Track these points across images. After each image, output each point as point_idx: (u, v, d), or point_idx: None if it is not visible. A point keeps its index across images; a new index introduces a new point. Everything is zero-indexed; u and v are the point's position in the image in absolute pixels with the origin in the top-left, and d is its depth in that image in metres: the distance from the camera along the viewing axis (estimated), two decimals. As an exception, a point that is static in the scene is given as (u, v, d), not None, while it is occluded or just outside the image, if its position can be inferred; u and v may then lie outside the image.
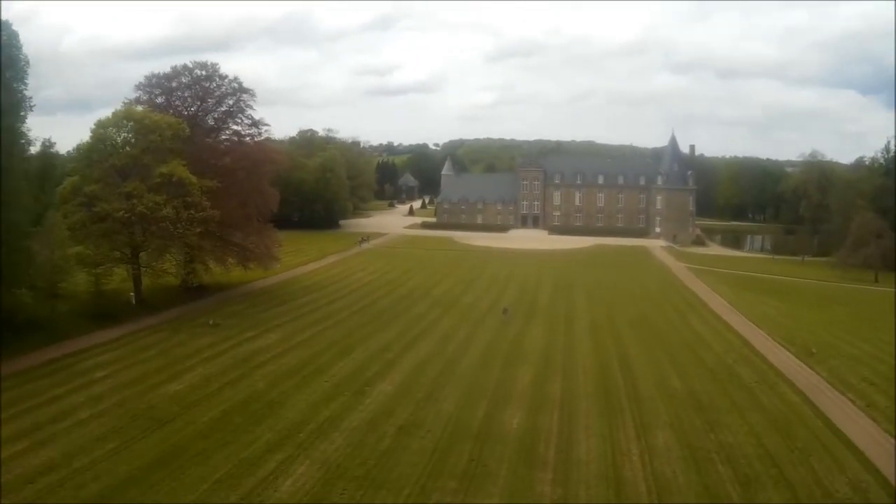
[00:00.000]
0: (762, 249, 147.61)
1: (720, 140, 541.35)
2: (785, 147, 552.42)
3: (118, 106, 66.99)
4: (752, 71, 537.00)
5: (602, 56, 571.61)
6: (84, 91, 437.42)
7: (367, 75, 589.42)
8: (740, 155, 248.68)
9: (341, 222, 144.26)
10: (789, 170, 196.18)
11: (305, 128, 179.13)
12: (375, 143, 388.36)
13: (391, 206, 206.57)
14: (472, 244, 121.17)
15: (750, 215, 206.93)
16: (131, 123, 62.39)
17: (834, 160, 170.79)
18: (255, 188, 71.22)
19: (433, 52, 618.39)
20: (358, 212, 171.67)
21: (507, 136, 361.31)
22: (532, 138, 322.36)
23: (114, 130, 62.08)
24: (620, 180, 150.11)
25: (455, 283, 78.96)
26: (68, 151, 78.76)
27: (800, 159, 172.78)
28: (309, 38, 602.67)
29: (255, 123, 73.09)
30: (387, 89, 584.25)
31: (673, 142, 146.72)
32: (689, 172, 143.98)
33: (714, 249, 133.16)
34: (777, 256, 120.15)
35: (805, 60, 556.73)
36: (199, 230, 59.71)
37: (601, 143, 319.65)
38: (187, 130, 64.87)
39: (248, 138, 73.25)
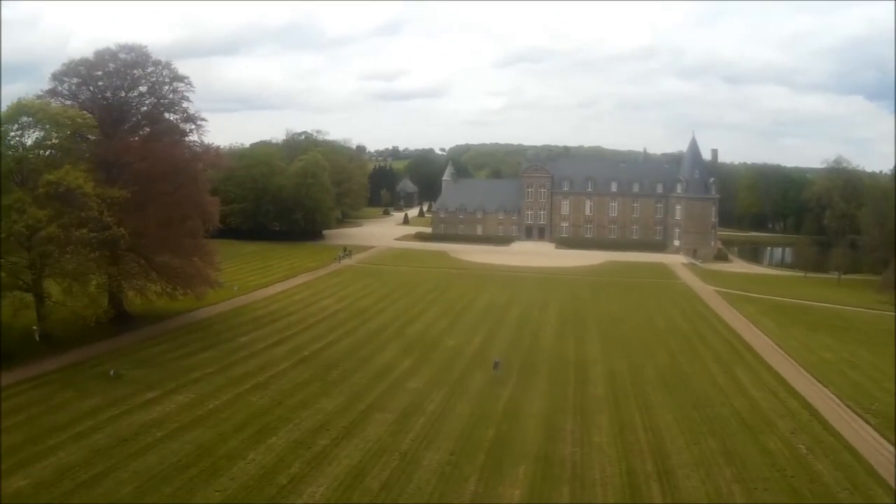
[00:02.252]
0: (783, 263, 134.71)
1: (727, 146, 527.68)
2: (792, 153, 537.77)
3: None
4: (759, 76, 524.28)
5: (610, 61, 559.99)
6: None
7: (374, 80, 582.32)
8: (748, 161, 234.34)
9: (325, 232, 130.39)
10: (808, 177, 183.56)
11: (299, 131, 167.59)
12: (381, 147, 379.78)
13: (386, 213, 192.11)
14: (468, 260, 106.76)
15: (770, 225, 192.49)
16: (28, 119, 49.50)
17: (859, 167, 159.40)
18: (189, 197, 57.69)
19: (441, 57, 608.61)
20: (347, 221, 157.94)
21: (515, 142, 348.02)
22: (539, 143, 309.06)
23: (9, 128, 49.03)
24: (636, 188, 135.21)
25: (439, 314, 64.76)
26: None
27: (823, 166, 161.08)
28: (316, 42, 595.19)
29: (191, 118, 59.58)
30: (394, 94, 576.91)
31: (693, 146, 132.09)
32: (712, 180, 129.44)
33: (738, 265, 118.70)
34: (809, 274, 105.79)
35: (812, 66, 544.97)
36: (95, 254, 46.21)
37: (609, 149, 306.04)
38: (94, 126, 51.83)
39: (180, 136, 59.66)
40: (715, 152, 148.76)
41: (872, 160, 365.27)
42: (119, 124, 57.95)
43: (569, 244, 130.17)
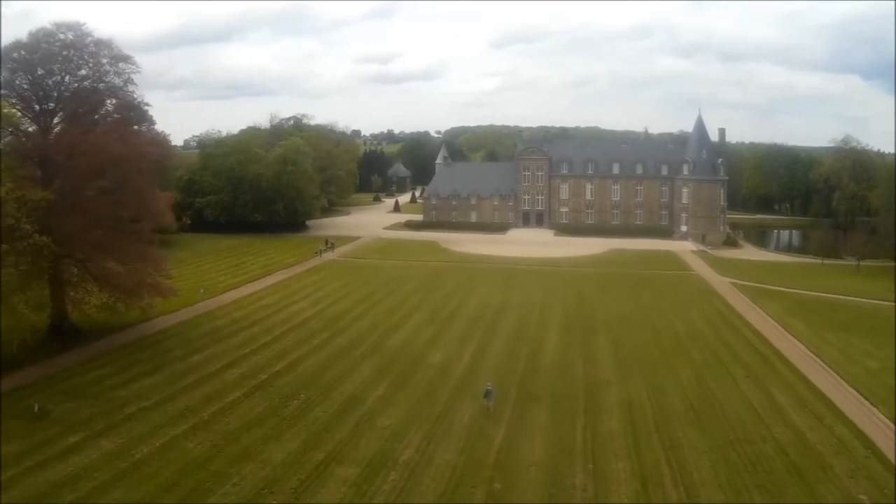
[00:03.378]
0: (795, 248, 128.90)
1: (724, 124, 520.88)
2: (789, 132, 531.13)
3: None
4: (754, 54, 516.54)
5: (606, 40, 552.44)
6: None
7: (369, 63, 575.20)
8: (746, 140, 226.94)
9: (309, 223, 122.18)
10: (813, 156, 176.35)
11: (287, 116, 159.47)
12: (376, 131, 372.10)
13: (377, 200, 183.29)
14: (460, 252, 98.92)
15: (776, 207, 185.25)
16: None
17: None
18: (135, 194, 49.99)
19: (436, 39, 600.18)
20: (334, 209, 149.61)
21: (511, 123, 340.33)
22: (535, 125, 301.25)
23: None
24: (639, 170, 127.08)
25: (424, 321, 57.03)
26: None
27: (831, 145, 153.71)
28: (310, 27, 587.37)
29: (135, 105, 51.81)
30: (389, 77, 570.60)
31: (700, 125, 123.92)
32: (720, 160, 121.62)
33: (750, 252, 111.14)
34: (826, 261, 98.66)
35: (807, 44, 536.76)
36: (11, 269, 38.80)
37: (606, 129, 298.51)
38: (21, 117, 44.34)
39: (124, 125, 51.78)
40: (722, 131, 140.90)
41: (869, 139, 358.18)
42: (56, 114, 50.29)
43: (569, 231, 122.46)
